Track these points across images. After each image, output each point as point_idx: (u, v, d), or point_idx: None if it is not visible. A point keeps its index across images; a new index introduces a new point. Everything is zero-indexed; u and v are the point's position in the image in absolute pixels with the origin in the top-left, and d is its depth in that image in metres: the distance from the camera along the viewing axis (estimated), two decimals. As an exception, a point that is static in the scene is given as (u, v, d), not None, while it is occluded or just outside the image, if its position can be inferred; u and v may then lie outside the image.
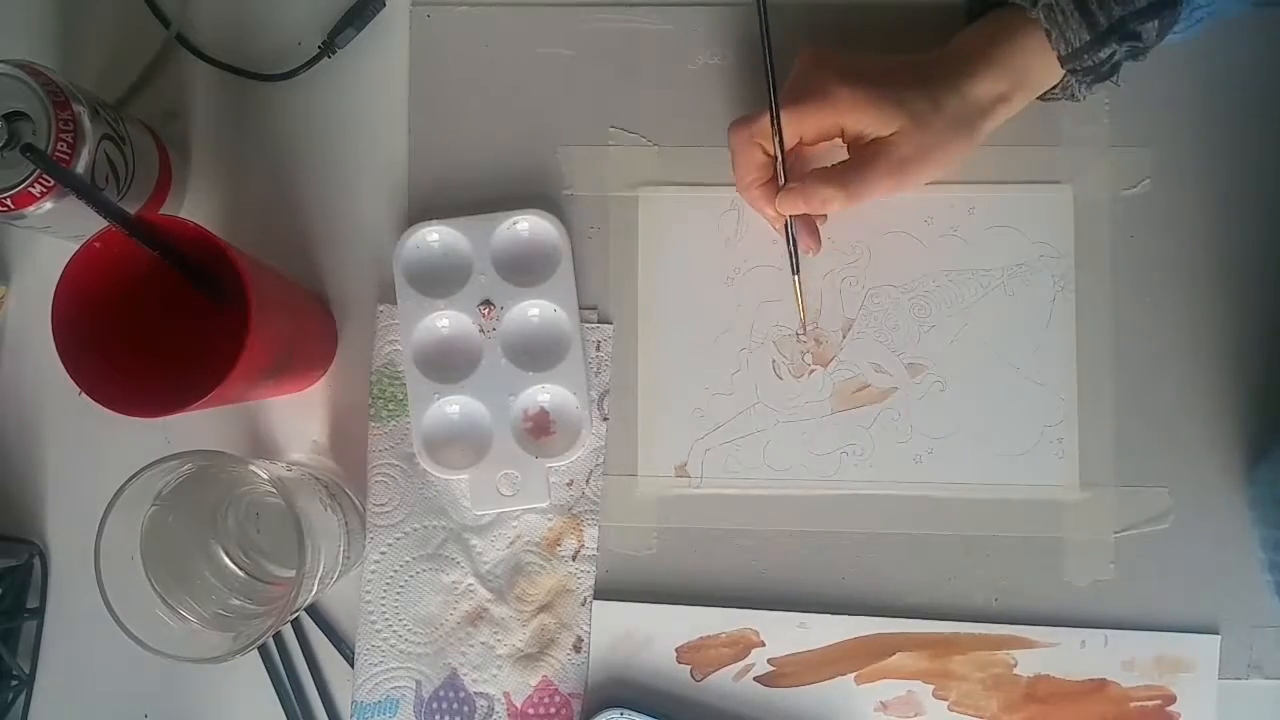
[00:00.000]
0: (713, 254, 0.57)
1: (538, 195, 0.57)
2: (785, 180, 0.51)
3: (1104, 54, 0.48)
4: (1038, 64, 0.49)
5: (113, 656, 0.56)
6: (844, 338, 0.57)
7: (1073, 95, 0.51)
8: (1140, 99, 0.56)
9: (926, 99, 0.48)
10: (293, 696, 0.56)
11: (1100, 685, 0.54)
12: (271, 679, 0.56)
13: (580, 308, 0.57)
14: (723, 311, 0.57)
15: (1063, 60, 0.48)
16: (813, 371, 0.57)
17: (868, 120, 0.48)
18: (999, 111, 0.49)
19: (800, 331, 0.56)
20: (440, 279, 0.57)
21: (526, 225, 0.57)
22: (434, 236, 0.57)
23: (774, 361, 0.57)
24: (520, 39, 0.58)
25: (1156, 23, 0.47)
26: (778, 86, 0.49)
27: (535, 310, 0.57)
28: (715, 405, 0.57)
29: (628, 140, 0.58)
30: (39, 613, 0.56)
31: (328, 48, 0.58)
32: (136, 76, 0.59)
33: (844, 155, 0.51)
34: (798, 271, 0.54)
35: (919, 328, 0.57)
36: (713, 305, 0.57)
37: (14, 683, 0.55)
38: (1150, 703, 0.54)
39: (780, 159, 0.50)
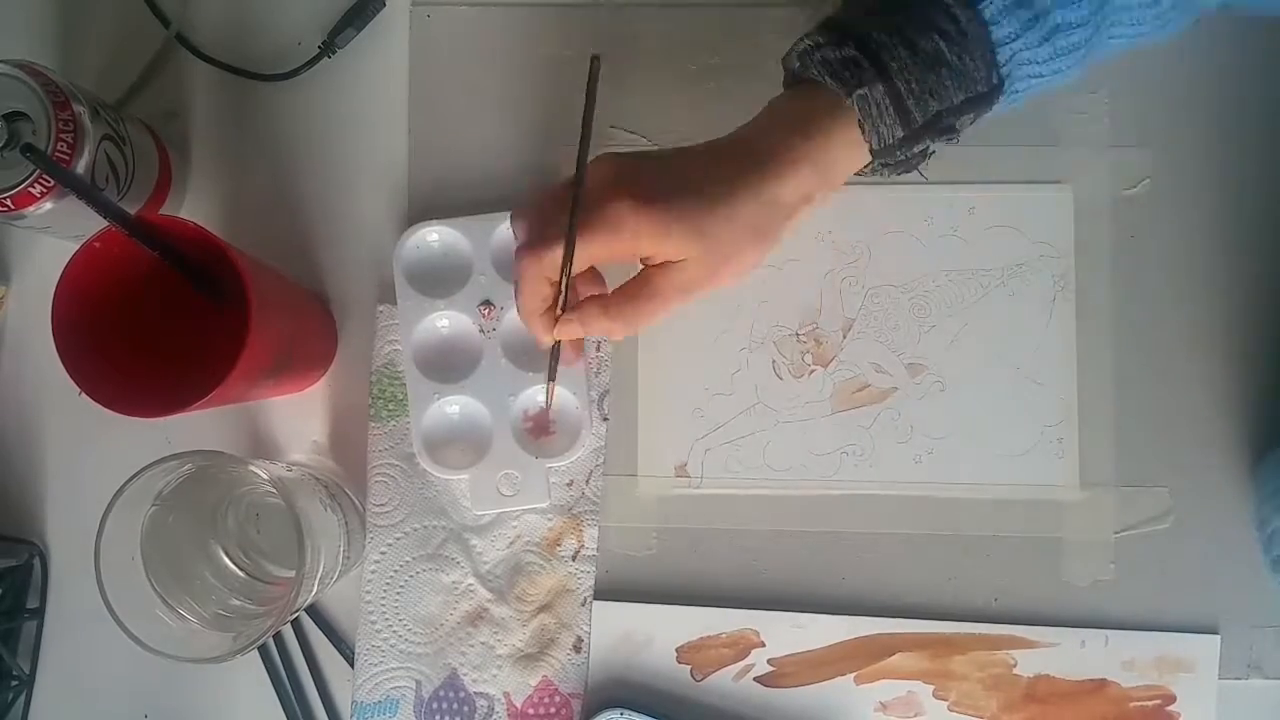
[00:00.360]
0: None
1: (538, 195, 0.57)
2: (563, 308, 0.46)
3: (917, 148, 0.44)
4: (846, 155, 0.44)
5: (113, 656, 0.56)
6: (844, 338, 0.57)
7: (879, 172, 0.47)
8: (1140, 99, 0.56)
9: (723, 215, 0.43)
10: (293, 696, 0.56)
11: (1100, 685, 0.54)
12: (271, 679, 0.56)
13: (580, 308, 0.57)
14: (723, 311, 0.57)
15: (874, 153, 0.44)
16: (813, 371, 0.57)
17: (659, 248, 0.44)
18: (800, 213, 0.45)
19: (549, 428, 0.56)
20: (440, 279, 0.57)
21: (526, 225, 0.57)
22: (434, 236, 0.57)
23: (774, 361, 0.57)
24: (520, 39, 0.58)
25: (971, 115, 0.43)
26: (577, 202, 0.44)
27: (535, 310, 0.57)
28: (715, 405, 0.57)
29: (628, 140, 0.58)
30: (39, 613, 0.56)
31: (328, 48, 0.58)
32: (136, 76, 0.59)
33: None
34: (553, 379, 0.51)
35: (919, 328, 0.57)
36: (713, 305, 0.57)
37: (14, 683, 0.55)
38: (1150, 703, 0.54)
39: (564, 289, 0.45)
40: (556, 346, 0.49)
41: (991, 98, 0.43)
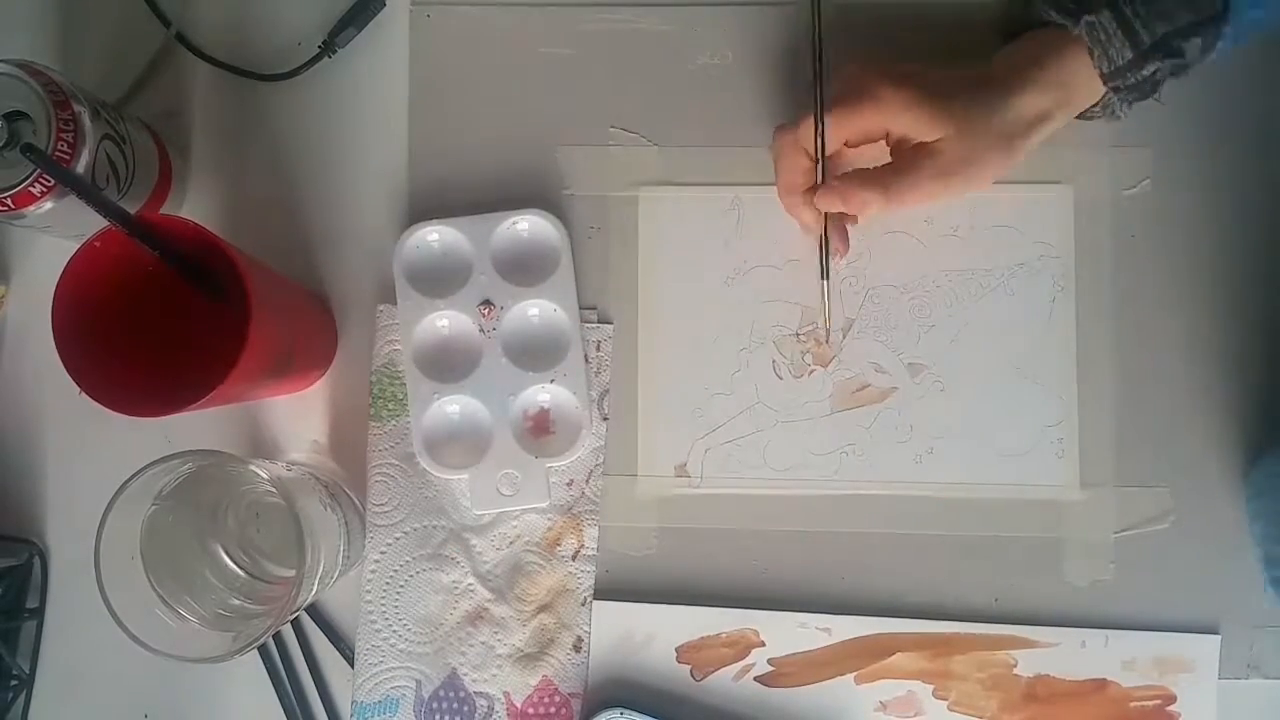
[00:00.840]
0: (713, 254, 0.57)
1: (538, 195, 0.57)
2: (825, 179, 0.51)
3: (1146, 71, 0.48)
4: (1081, 82, 0.49)
5: (113, 656, 0.56)
6: (844, 338, 0.57)
7: (1113, 113, 0.51)
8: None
9: (976, 107, 0.48)
10: (293, 696, 0.56)
11: (1100, 685, 0.54)
12: (271, 679, 0.56)
13: (580, 308, 0.57)
14: (723, 311, 0.57)
15: (1105, 78, 0.48)
16: (813, 371, 0.57)
17: (915, 123, 0.48)
18: (1041, 129, 0.49)
19: (824, 338, 0.56)
20: (440, 279, 0.57)
21: (526, 225, 0.57)
22: (434, 236, 0.57)
23: (774, 361, 0.57)
24: (520, 39, 0.58)
25: (1200, 40, 0.47)
26: (825, 85, 0.50)
27: (535, 310, 0.57)
28: (715, 405, 0.57)
29: (628, 140, 0.58)
30: (39, 613, 0.56)
31: (328, 48, 0.58)
32: (136, 76, 0.59)
33: (884, 159, 0.51)
34: (827, 276, 0.54)
35: (919, 328, 0.57)
36: (713, 305, 0.57)
37: (14, 683, 0.55)
38: (1150, 703, 0.54)
39: (821, 159, 0.50)
40: (825, 238, 0.52)
41: (1219, 23, 0.47)
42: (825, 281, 0.54)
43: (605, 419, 0.57)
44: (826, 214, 0.52)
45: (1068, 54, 0.48)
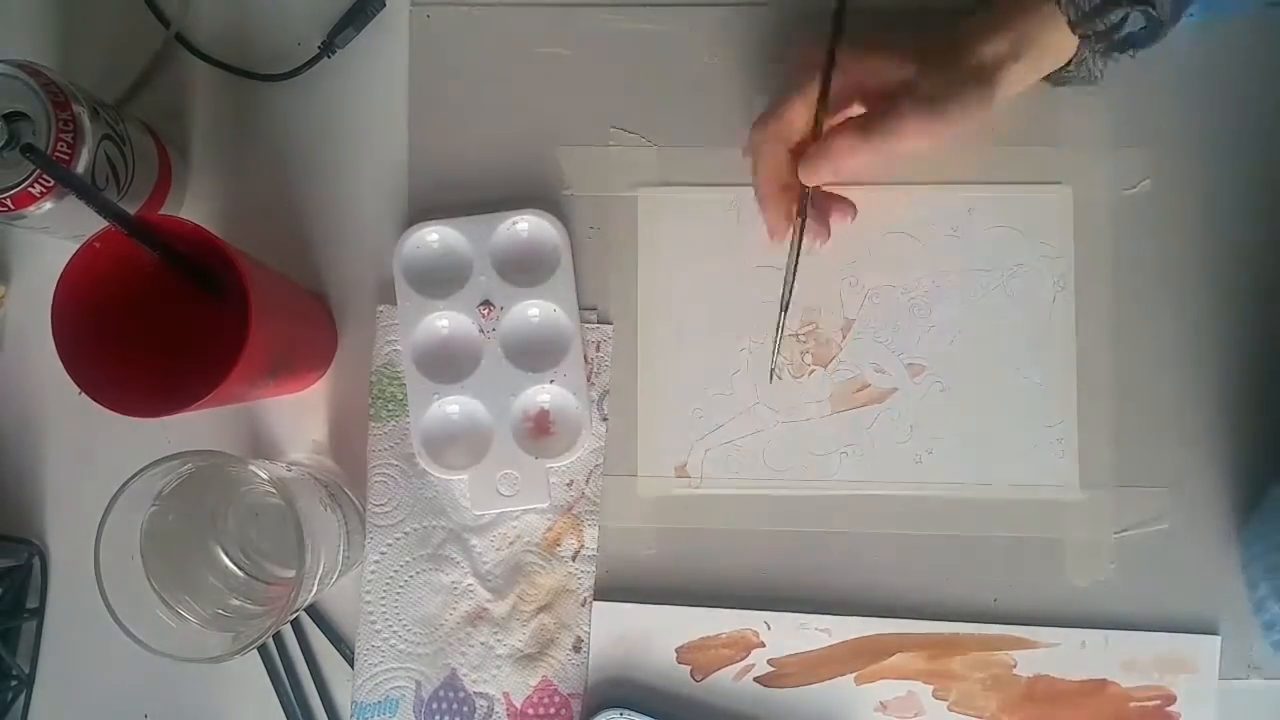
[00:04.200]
0: (713, 254, 0.57)
1: (538, 195, 0.57)
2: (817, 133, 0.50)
3: (1115, 17, 0.47)
4: (1049, 34, 0.48)
5: (113, 656, 0.56)
6: (844, 338, 0.57)
7: (1089, 72, 0.51)
8: (1140, 99, 0.56)
9: (943, 45, 0.49)
10: (293, 696, 0.56)
11: (1100, 685, 0.54)
12: (271, 679, 0.56)
13: (580, 308, 0.57)
14: (723, 311, 0.57)
15: (1073, 25, 0.48)
16: (813, 371, 0.57)
17: (884, 61, 0.49)
18: (1010, 69, 0.48)
19: (780, 329, 0.54)
20: (440, 279, 0.57)
21: (526, 225, 0.57)
22: (434, 237, 0.57)
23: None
24: (520, 39, 0.58)
25: None
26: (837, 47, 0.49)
27: (535, 310, 0.57)
28: (715, 405, 0.57)
29: (628, 140, 0.58)
30: (39, 613, 0.56)
31: (328, 48, 0.58)
32: (136, 76, 0.59)
33: None
34: (795, 265, 0.53)
35: (919, 328, 0.57)
36: (713, 305, 0.57)
37: (14, 683, 0.55)
38: (1150, 703, 0.54)
39: (819, 122, 0.49)
40: (802, 221, 0.51)
41: None
42: (791, 279, 0.52)
43: (605, 419, 0.57)
44: (805, 207, 0.51)
45: (1036, 8, 0.48)
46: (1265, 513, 0.53)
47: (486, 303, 0.56)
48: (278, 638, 0.56)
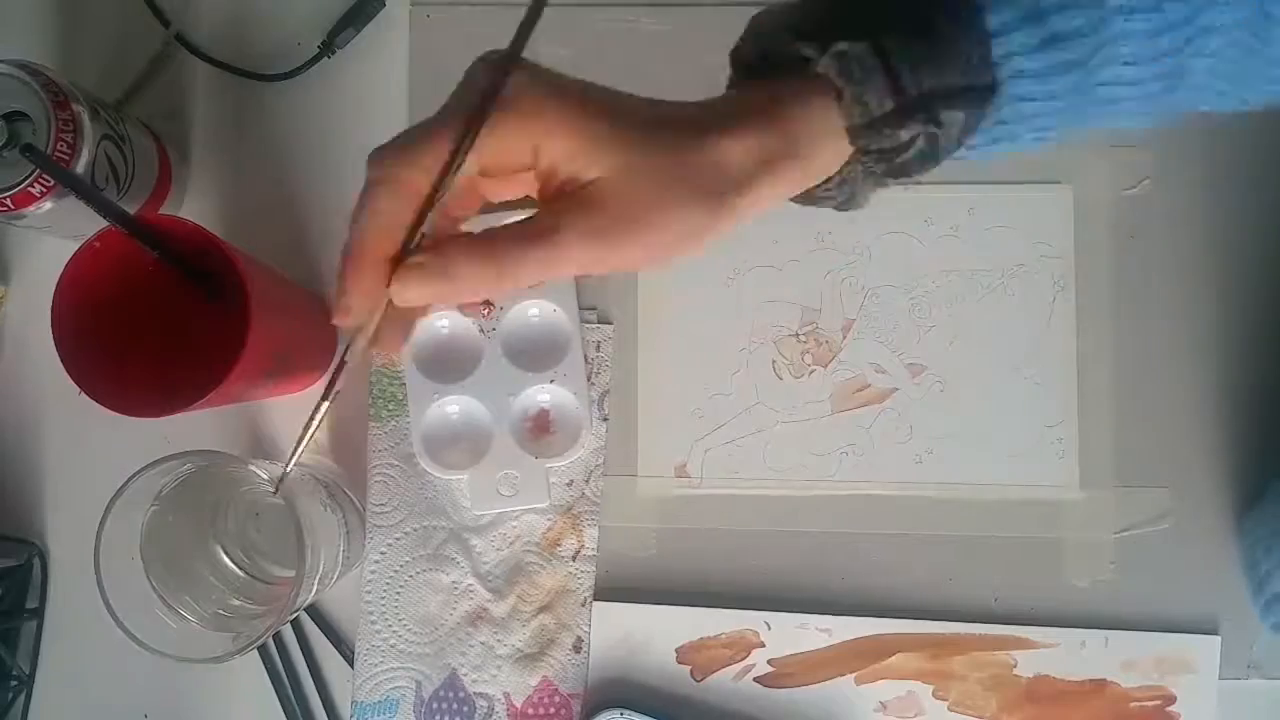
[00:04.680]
0: (712, 254, 0.57)
1: (538, 195, 0.57)
2: (417, 244, 0.34)
3: (905, 135, 0.34)
4: (819, 138, 0.35)
5: (113, 656, 0.56)
6: (844, 338, 0.57)
7: (851, 196, 0.38)
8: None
9: (665, 137, 0.34)
10: (293, 696, 0.56)
11: (1100, 685, 0.54)
12: (271, 679, 0.56)
13: (580, 308, 0.57)
14: (723, 311, 0.57)
15: (852, 134, 0.34)
16: (813, 372, 0.57)
17: (570, 146, 0.33)
18: (761, 183, 0.34)
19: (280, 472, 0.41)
20: (440, 279, 0.57)
21: (526, 225, 0.57)
22: (434, 236, 0.57)
23: (774, 361, 0.57)
24: (520, 39, 0.58)
25: (962, 115, 0.35)
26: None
27: (535, 310, 0.57)
28: (715, 405, 0.57)
29: (628, 140, 0.58)
30: (39, 613, 0.56)
31: (328, 48, 0.58)
32: (136, 76, 0.59)
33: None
34: (329, 398, 0.35)
35: (919, 328, 0.57)
36: (713, 305, 0.57)
37: (14, 683, 0.55)
38: (1150, 703, 0.54)
39: (438, 187, 0.33)
40: (351, 339, 0.35)
41: (986, 97, 0.34)
42: (328, 403, 0.35)
43: (605, 419, 0.57)
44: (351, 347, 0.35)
45: (807, 100, 0.34)
46: (1269, 500, 0.53)
47: (486, 302, 0.56)
48: (278, 638, 0.56)
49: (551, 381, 0.56)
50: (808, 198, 0.38)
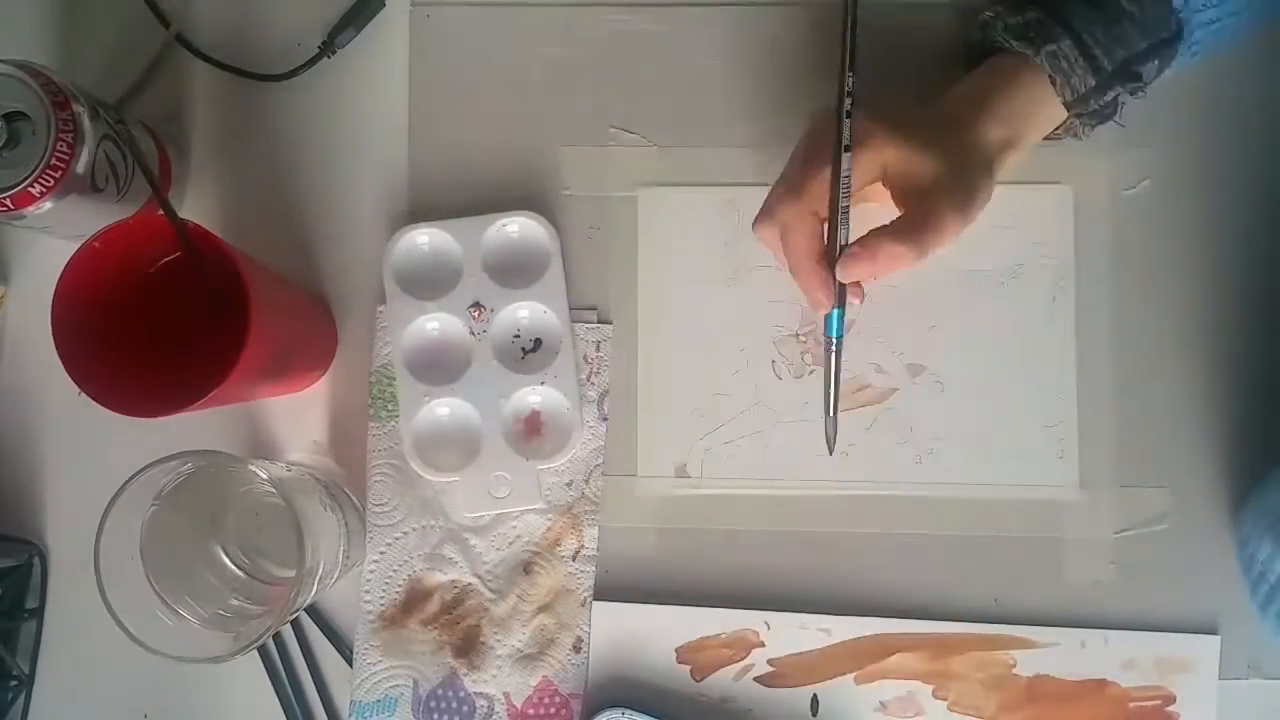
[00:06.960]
0: (713, 254, 0.57)
1: (537, 195, 0.57)
2: (842, 245, 0.48)
3: (1108, 97, 0.49)
4: (1042, 110, 0.49)
5: (113, 656, 0.56)
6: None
7: (1076, 135, 0.52)
8: (1140, 99, 0.56)
9: (954, 138, 0.47)
10: (292, 696, 0.56)
11: (1100, 685, 0.54)
12: (271, 679, 0.56)
13: (580, 308, 0.57)
14: (723, 311, 0.57)
15: (1068, 106, 0.49)
16: (813, 372, 0.57)
17: (907, 163, 0.47)
18: (1008, 155, 0.49)
19: (827, 415, 0.52)
20: (430, 281, 0.57)
21: (516, 227, 0.57)
22: (423, 239, 0.57)
23: (774, 361, 0.57)
24: (520, 39, 0.58)
25: (1157, 62, 0.48)
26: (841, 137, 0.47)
27: (525, 312, 0.57)
28: (715, 405, 0.57)
29: (628, 140, 0.58)
30: (39, 613, 0.56)
31: (328, 48, 0.58)
32: (136, 76, 0.59)
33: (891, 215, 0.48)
34: (838, 364, 0.50)
35: (919, 328, 0.57)
36: (713, 305, 0.57)
37: (14, 683, 0.55)
38: (1150, 703, 0.54)
39: (834, 222, 0.48)
40: (840, 313, 0.49)
41: (1174, 43, 0.48)
42: (836, 366, 0.50)
43: (605, 419, 0.57)
44: (842, 293, 0.49)
45: (1028, 82, 0.48)
46: (1269, 487, 0.53)
47: (477, 304, 0.56)
48: (278, 638, 0.56)
49: (542, 383, 0.56)
50: (1045, 140, 0.51)
